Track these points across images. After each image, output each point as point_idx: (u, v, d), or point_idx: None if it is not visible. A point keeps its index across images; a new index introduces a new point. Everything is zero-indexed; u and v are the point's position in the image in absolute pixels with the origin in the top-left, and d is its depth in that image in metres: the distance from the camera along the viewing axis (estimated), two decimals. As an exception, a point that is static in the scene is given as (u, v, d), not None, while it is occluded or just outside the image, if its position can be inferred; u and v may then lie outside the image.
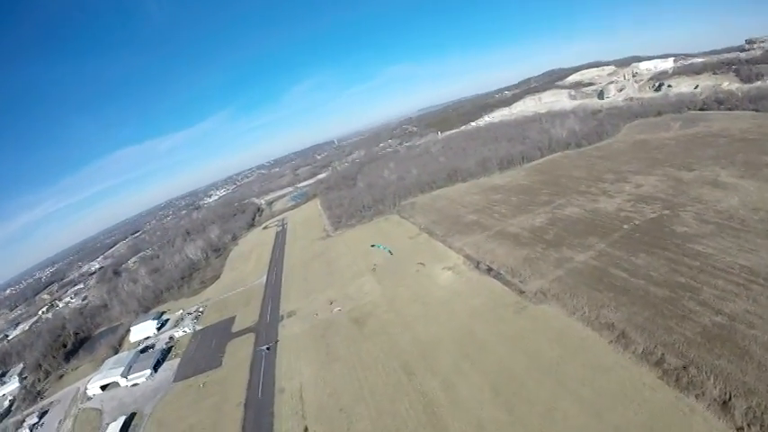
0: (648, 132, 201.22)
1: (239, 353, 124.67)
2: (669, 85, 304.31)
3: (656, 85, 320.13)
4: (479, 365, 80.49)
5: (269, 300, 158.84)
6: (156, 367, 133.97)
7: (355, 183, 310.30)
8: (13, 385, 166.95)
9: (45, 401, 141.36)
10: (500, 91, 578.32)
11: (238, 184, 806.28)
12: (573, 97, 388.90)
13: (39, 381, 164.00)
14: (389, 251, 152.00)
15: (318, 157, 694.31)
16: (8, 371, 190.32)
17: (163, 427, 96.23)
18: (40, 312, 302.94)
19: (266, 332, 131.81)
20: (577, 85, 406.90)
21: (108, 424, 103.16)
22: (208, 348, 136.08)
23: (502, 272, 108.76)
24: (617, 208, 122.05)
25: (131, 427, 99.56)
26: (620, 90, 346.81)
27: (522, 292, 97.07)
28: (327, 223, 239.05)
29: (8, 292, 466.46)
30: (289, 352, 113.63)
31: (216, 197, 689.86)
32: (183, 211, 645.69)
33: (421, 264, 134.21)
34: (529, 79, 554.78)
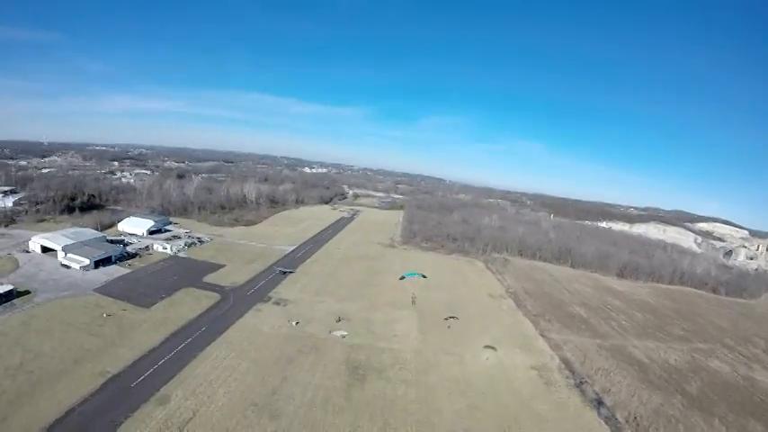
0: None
1: (181, 307, 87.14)
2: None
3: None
4: None
5: (274, 271, 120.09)
6: (98, 263, 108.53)
7: (451, 213, 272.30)
8: (7, 203, 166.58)
9: (3, 230, 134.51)
10: (623, 207, 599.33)
11: (341, 172, 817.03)
12: (698, 244, 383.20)
13: (25, 213, 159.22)
14: (423, 275, 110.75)
15: (423, 184, 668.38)
16: (17, 192, 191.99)
17: (25, 326, 73.05)
18: (98, 171, 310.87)
19: (235, 305, 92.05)
20: (706, 235, 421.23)
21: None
22: (161, 280, 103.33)
23: (619, 416, 67.30)
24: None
25: (11, 302, 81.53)
26: (750, 258, 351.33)
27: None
28: (399, 234, 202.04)
29: (102, 148, 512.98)
30: (228, 351, 71.28)
31: (315, 171, 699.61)
32: (280, 167, 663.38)
33: (453, 318, 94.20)
34: (657, 209, 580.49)
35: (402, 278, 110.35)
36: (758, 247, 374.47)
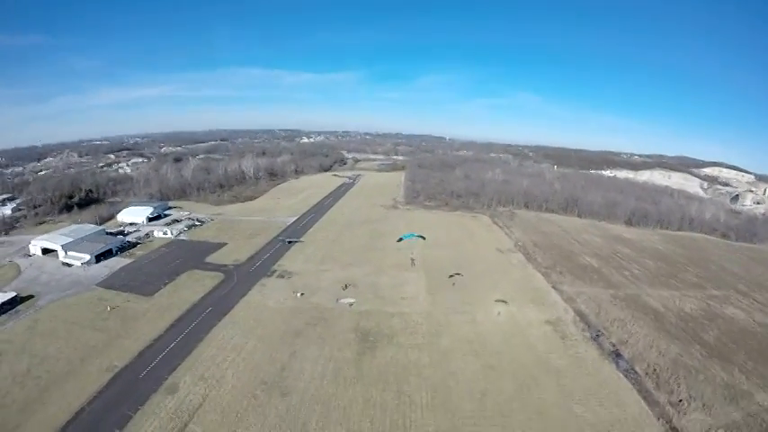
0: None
1: (185, 291, 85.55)
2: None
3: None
4: None
5: (277, 244, 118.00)
6: (99, 257, 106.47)
7: (453, 170, 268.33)
8: (5, 212, 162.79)
9: (4, 238, 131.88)
10: (627, 154, 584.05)
11: (339, 138, 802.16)
12: (705, 189, 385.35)
13: (24, 218, 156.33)
14: (422, 237, 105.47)
15: (424, 144, 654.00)
16: (15, 198, 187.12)
17: (30, 331, 71.51)
18: (95, 166, 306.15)
19: (239, 282, 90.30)
20: (712, 180, 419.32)
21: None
22: (163, 266, 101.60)
23: (638, 369, 65.28)
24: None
25: (15, 309, 79.67)
26: (757, 203, 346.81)
27: (675, 430, 52.36)
28: (401, 194, 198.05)
29: (97, 142, 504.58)
30: (234, 331, 69.76)
31: (312, 140, 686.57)
32: (277, 140, 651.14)
33: (458, 274, 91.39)
34: (661, 155, 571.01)
35: (399, 240, 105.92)
36: (765, 191, 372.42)
